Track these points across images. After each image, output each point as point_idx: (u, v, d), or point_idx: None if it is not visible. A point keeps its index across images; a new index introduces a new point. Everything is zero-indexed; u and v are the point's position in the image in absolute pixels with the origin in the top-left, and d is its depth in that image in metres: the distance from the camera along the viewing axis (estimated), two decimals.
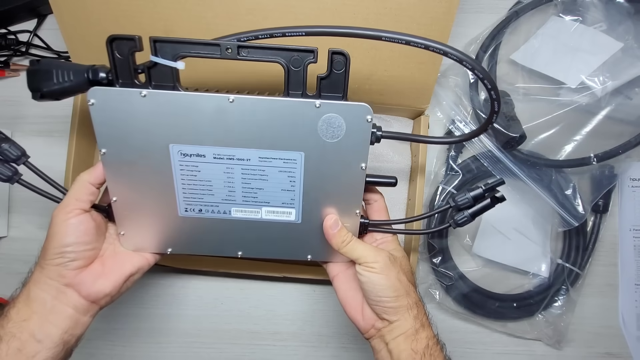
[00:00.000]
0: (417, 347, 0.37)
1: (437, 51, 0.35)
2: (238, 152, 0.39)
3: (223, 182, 0.41)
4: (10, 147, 0.39)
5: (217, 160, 0.40)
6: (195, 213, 0.42)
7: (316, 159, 0.39)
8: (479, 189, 0.43)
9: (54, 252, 0.36)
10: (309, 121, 0.38)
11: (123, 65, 0.36)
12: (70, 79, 0.37)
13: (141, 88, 0.37)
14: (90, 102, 0.36)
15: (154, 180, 0.40)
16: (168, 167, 0.39)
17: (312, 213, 0.42)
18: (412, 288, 0.40)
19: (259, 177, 0.40)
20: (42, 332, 0.35)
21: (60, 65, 0.37)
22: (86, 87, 0.36)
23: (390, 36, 0.35)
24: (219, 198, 0.42)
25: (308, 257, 0.44)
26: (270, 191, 0.41)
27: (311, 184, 0.41)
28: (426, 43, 0.34)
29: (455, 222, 0.43)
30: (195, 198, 0.41)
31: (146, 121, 0.37)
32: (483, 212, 0.43)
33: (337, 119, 0.38)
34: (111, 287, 0.38)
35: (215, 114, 0.37)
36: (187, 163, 0.40)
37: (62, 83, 0.37)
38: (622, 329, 0.62)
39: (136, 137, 0.38)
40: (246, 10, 0.49)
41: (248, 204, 0.42)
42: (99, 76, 0.37)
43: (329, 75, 0.37)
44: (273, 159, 0.39)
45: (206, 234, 0.43)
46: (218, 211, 0.42)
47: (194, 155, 0.39)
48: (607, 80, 0.54)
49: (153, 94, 0.36)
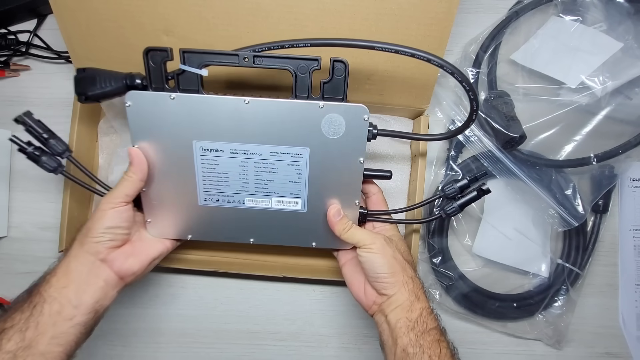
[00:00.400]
0: (411, 316, 0.42)
1: (422, 58, 0.40)
2: (252, 147, 0.45)
3: (238, 175, 0.46)
4: (56, 142, 0.46)
5: (234, 155, 0.45)
6: (213, 203, 0.48)
7: (320, 153, 0.44)
8: (465, 180, 0.48)
9: (96, 232, 0.41)
10: (314, 120, 0.43)
11: (156, 72, 0.43)
12: (111, 84, 0.44)
13: (171, 92, 0.43)
14: (127, 104, 0.42)
15: (178, 173, 0.46)
16: (191, 161, 0.45)
17: (316, 203, 0.47)
18: (408, 265, 0.45)
19: (270, 170, 0.46)
20: (78, 299, 0.39)
21: (102, 73, 0.44)
22: (123, 91, 0.43)
23: (381, 46, 0.41)
24: (234, 189, 0.47)
25: (313, 244, 0.49)
26: (279, 183, 0.46)
27: (316, 176, 0.46)
28: (412, 52, 0.40)
29: (445, 212, 0.48)
30: (213, 189, 0.47)
31: (174, 121, 0.43)
32: (470, 203, 0.48)
33: (338, 118, 0.43)
34: (138, 266, 0.44)
35: (233, 113, 0.43)
36: (207, 157, 0.45)
37: (104, 88, 0.44)
38: (622, 329, 0.62)
39: (165, 134, 0.44)
40: (246, 10, 0.49)
41: (260, 194, 0.47)
42: (135, 82, 0.43)
43: (330, 80, 0.43)
44: (282, 154, 0.45)
45: (222, 222, 0.49)
46: (233, 201, 0.47)
47: (213, 150, 0.45)
48: (607, 80, 0.54)
49: (181, 97, 0.42)
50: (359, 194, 0.46)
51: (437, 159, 0.61)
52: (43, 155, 0.45)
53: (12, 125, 0.61)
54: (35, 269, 0.60)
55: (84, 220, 0.58)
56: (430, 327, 0.41)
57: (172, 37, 0.51)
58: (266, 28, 0.50)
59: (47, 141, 0.46)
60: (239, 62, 0.43)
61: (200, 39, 0.51)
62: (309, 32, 0.50)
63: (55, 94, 0.61)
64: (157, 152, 0.45)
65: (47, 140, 0.46)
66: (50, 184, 0.61)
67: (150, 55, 0.42)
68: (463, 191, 0.48)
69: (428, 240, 0.59)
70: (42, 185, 0.61)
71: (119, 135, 0.59)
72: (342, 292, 0.61)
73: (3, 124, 0.61)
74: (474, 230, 0.61)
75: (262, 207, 0.48)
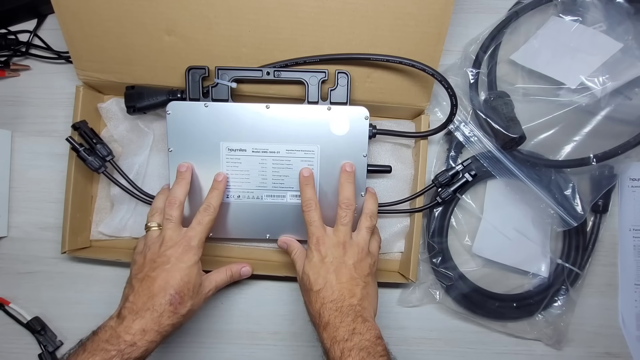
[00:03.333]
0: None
1: (407, 64, 0.50)
2: (270, 146, 0.52)
3: (258, 172, 0.53)
4: (102, 147, 0.54)
5: (255, 153, 0.52)
6: (235, 199, 0.53)
7: (329, 150, 0.52)
8: (455, 168, 0.55)
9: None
10: (323, 121, 0.51)
11: (194, 86, 0.52)
12: (156, 98, 0.53)
13: (204, 101, 0.51)
14: (167, 112, 0.51)
15: (206, 172, 0.52)
16: (217, 161, 0.52)
17: (327, 196, 0.53)
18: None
19: (286, 166, 0.52)
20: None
21: (148, 89, 0.53)
22: (165, 103, 0.51)
23: (376, 57, 0.51)
24: (254, 185, 0.53)
25: None
26: (294, 178, 0.53)
27: (326, 170, 0.52)
28: (399, 59, 0.50)
29: (440, 197, 0.55)
30: (235, 185, 0.53)
31: (206, 125, 0.51)
32: (462, 188, 0.56)
33: (343, 119, 0.51)
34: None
35: (255, 117, 0.51)
36: (232, 156, 0.52)
37: (150, 101, 0.53)
38: (622, 329, 0.62)
39: (196, 138, 0.51)
40: (249, 9, 0.49)
41: (276, 189, 0.53)
42: (176, 95, 0.52)
43: (336, 88, 0.52)
44: (297, 151, 0.52)
45: (241, 219, 0.54)
46: (253, 197, 0.53)
47: (237, 150, 0.52)
48: (607, 80, 0.54)
49: (213, 105, 0.51)
50: (364, 186, 0.53)
51: (437, 159, 0.61)
52: (90, 155, 0.52)
53: (12, 125, 0.61)
54: (35, 269, 0.61)
55: (85, 220, 0.58)
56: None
57: (174, 36, 0.51)
58: (267, 26, 0.50)
59: (95, 145, 0.53)
60: (262, 76, 0.52)
61: (202, 38, 0.51)
62: (309, 30, 0.50)
63: (55, 94, 0.61)
64: (188, 154, 0.51)
65: (95, 145, 0.53)
66: (50, 184, 0.60)
67: (191, 73, 0.52)
68: (454, 178, 0.55)
69: (428, 240, 0.59)
70: (42, 185, 0.61)
71: (119, 145, 0.59)
72: None
73: (3, 124, 0.61)
74: (473, 230, 0.61)
75: (278, 201, 0.53)
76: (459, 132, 0.59)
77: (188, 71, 0.51)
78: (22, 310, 0.59)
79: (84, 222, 0.58)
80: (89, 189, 0.59)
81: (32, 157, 0.61)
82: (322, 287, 0.44)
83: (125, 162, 0.57)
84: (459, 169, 0.55)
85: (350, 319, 0.42)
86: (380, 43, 0.51)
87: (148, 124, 0.58)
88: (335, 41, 0.51)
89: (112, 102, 0.58)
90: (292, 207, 0.54)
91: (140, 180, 0.56)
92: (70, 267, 0.60)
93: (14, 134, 0.61)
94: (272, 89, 0.54)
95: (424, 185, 0.56)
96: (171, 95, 0.52)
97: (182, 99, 0.52)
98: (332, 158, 0.52)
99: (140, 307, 0.42)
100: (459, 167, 0.55)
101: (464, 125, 0.58)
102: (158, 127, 0.58)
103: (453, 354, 0.61)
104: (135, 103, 0.53)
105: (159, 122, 0.58)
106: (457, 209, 0.61)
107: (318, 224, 0.47)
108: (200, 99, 0.52)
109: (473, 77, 0.59)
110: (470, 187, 0.60)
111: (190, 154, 0.51)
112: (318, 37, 0.51)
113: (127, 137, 0.58)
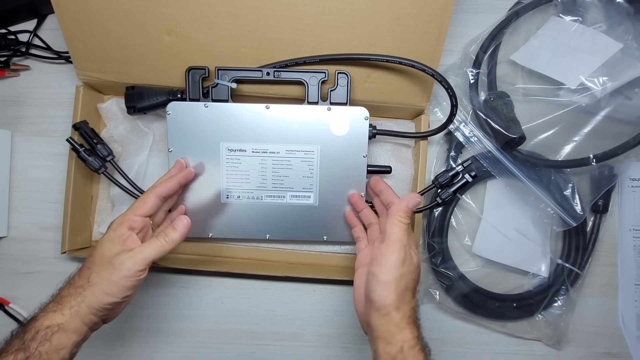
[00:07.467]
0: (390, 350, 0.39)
1: (407, 65, 0.50)
2: (270, 146, 0.52)
3: (258, 172, 0.52)
4: (102, 147, 0.53)
5: (254, 154, 0.52)
6: (235, 199, 0.53)
7: (329, 150, 0.52)
8: (455, 169, 0.54)
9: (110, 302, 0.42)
10: (323, 121, 0.51)
11: (194, 86, 0.52)
12: (156, 98, 0.53)
13: (204, 101, 0.51)
14: (168, 112, 0.51)
15: (205, 172, 0.52)
16: (217, 161, 0.52)
17: (327, 197, 0.53)
18: (412, 286, 0.44)
19: (286, 166, 0.52)
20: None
21: (149, 89, 0.53)
22: (165, 103, 0.51)
23: (376, 57, 0.50)
24: (254, 185, 0.53)
25: (324, 237, 0.55)
26: (293, 178, 0.53)
27: (326, 171, 0.52)
28: (399, 60, 0.50)
29: (441, 198, 0.54)
30: (235, 186, 0.53)
31: (206, 126, 0.51)
32: (462, 188, 0.54)
33: (343, 119, 0.51)
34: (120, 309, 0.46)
35: (256, 117, 0.51)
36: (231, 157, 0.52)
37: (150, 101, 0.53)
38: (622, 329, 0.62)
39: (197, 138, 0.51)
40: (249, 9, 0.49)
41: (276, 190, 0.53)
42: (176, 95, 0.52)
43: (335, 88, 0.52)
44: (296, 151, 0.52)
45: (242, 218, 0.54)
46: (253, 197, 0.53)
47: (237, 150, 0.52)
48: (607, 80, 0.54)
49: (213, 105, 0.51)
50: (363, 186, 0.53)
51: (437, 159, 0.61)
52: (90, 156, 0.52)
53: (12, 125, 0.61)
54: (35, 269, 0.61)
55: (85, 221, 0.59)
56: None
57: (174, 36, 0.51)
58: (267, 26, 0.50)
59: (95, 145, 0.53)
60: (262, 76, 0.51)
61: (202, 38, 0.51)
62: (309, 30, 0.50)
63: (55, 94, 0.61)
64: (188, 154, 0.51)
65: (96, 145, 0.53)
66: (50, 184, 0.60)
67: (191, 73, 0.51)
68: (454, 179, 0.54)
69: (428, 240, 0.59)
70: (42, 185, 0.61)
71: (119, 145, 0.59)
72: (342, 292, 0.61)
73: (3, 124, 0.61)
74: (473, 231, 0.61)
75: (278, 202, 0.53)
76: (459, 133, 0.59)
77: (188, 71, 0.51)
78: (22, 310, 0.59)
79: (84, 222, 0.58)
80: (89, 189, 0.59)
81: (32, 157, 0.61)
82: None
83: (125, 163, 0.57)
84: (459, 169, 0.54)
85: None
86: (380, 43, 0.51)
87: (148, 124, 0.58)
88: (335, 41, 0.51)
89: (112, 102, 0.58)
90: (292, 207, 0.53)
91: (140, 180, 0.56)
92: (70, 267, 0.60)
93: (14, 134, 0.61)
94: (272, 89, 0.54)
95: (424, 185, 0.56)
96: (171, 96, 0.52)
97: (182, 99, 0.52)
98: (332, 158, 0.52)
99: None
100: (459, 167, 0.54)
101: (464, 125, 0.58)
102: (158, 127, 0.58)
103: (453, 354, 0.61)
104: (135, 103, 0.53)
105: (159, 122, 0.58)
106: (457, 209, 0.61)
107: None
108: (200, 99, 0.52)
109: (473, 77, 0.59)
110: (470, 187, 0.60)
111: (190, 155, 0.51)
112: (318, 37, 0.51)
113: (127, 138, 0.58)
